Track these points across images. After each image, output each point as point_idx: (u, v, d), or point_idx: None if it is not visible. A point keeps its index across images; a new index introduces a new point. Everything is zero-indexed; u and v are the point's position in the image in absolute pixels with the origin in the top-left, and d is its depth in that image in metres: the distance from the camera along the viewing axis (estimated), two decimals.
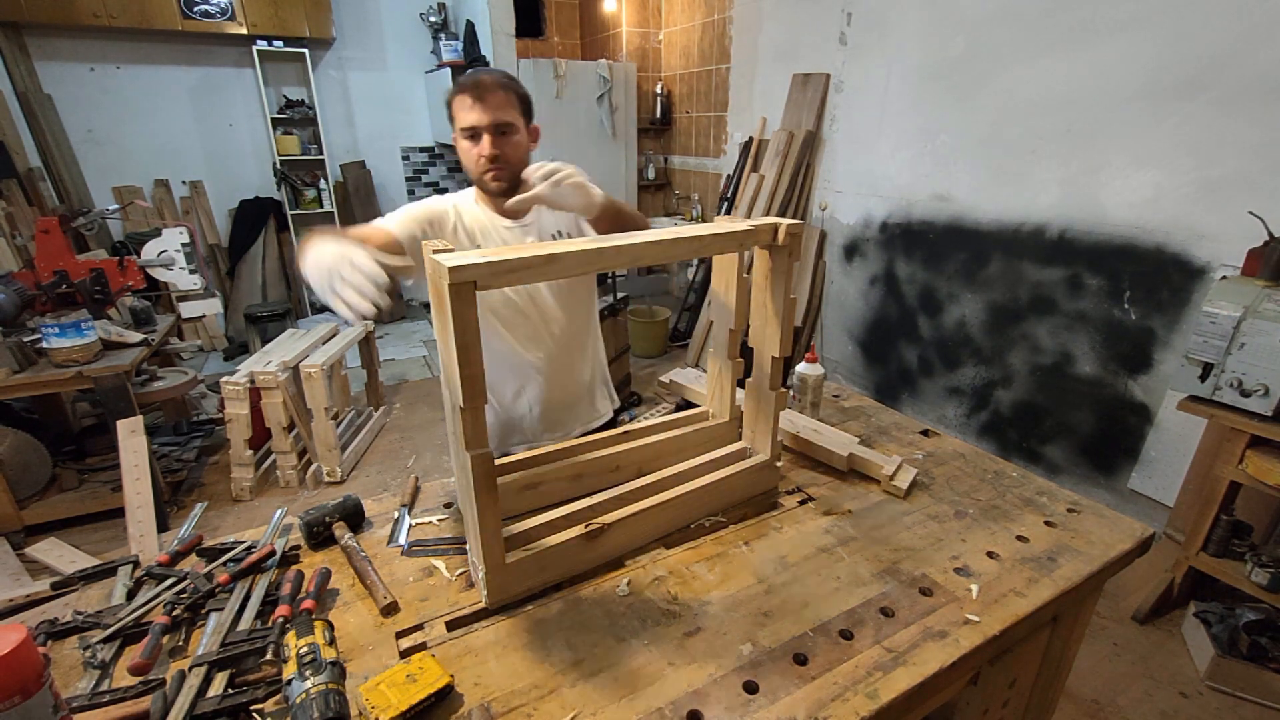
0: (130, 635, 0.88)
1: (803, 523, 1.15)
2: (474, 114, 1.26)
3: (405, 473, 3.15)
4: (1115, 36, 2.25)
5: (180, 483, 2.93)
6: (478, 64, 4.71)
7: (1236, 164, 2.01)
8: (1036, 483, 1.28)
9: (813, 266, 3.76)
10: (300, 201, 5.12)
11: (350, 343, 3.31)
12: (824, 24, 3.49)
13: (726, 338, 1.27)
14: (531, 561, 0.95)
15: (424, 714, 0.76)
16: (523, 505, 1.17)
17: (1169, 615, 2.13)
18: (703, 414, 1.39)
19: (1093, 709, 1.80)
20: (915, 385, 3.32)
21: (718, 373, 1.33)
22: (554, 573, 0.99)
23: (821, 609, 0.94)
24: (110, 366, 2.40)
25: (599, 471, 1.23)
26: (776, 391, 1.15)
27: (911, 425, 1.53)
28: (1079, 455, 2.61)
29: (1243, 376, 1.74)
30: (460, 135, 1.30)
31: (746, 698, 0.79)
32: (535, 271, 0.84)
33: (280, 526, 1.14)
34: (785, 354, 1.15)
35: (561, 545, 0.98)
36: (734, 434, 1.38)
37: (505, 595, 0.94)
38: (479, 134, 1.28)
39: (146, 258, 2.98)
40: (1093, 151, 2.38)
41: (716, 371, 1.33)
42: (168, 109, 4.71)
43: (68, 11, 4.06)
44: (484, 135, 1.27)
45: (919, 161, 3.09)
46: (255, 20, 4.53)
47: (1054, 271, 2.57)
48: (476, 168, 1.31)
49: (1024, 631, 0.95)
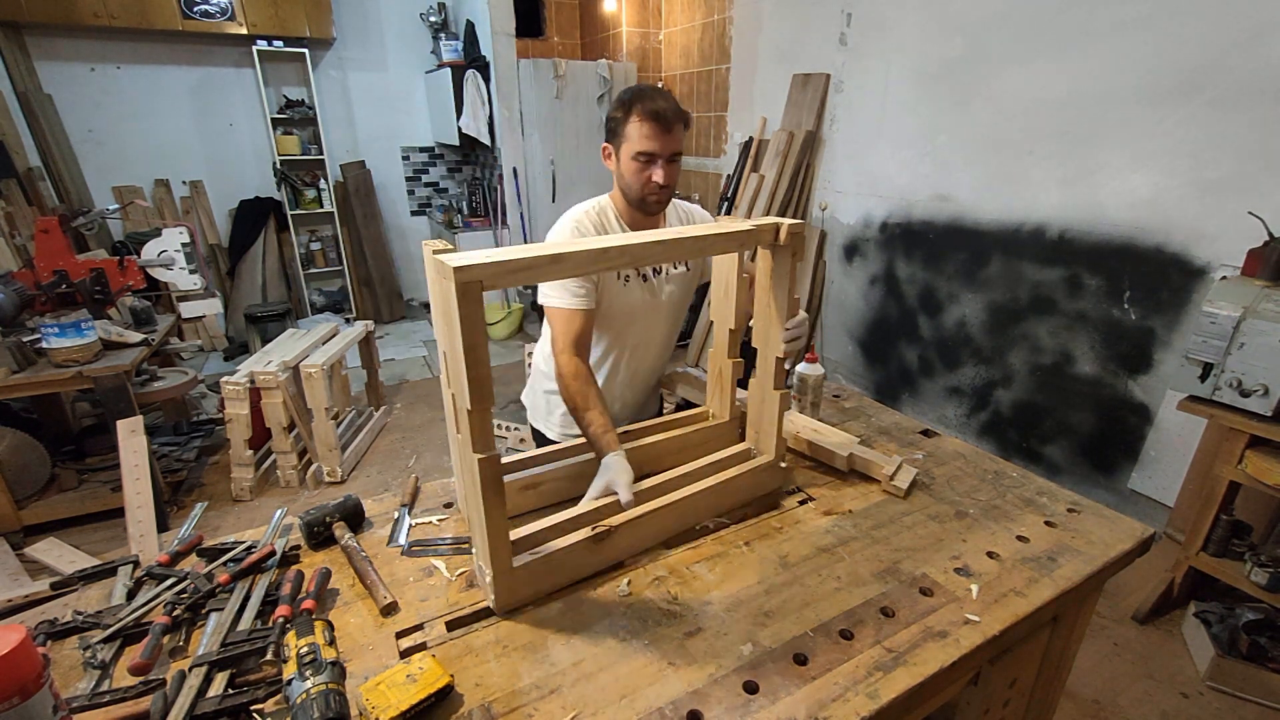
0: (130, 635, 0.88)
1: (803, 523, 1.15)
2: (656, 143, 1.31)
3: (405, 473, 3.15)
4: (1114, 37, 2.25)
5: (180, 483, 2.93)
6: (477, 64, 4.71)
7: (1236, 164, 2.01)
8: (1036, 483, 1.28)
9: (813, 267, 3.76)
10: (300, 201, 5.11)
11: (350, 343, 3.31)
12: (824, 24, 3.49)
13: (726, 338, 1.27)
14: (540, 565, 0.95)
15: (424, 714, 0.76)
16: (524, 505, 1.17)
17: (1169, 615, 2.13)
18: (703, 414, 1.39)
19: (1093, 709, 1.81)
20: (915, 385, 3.32)
21: (718, 373, 1.33)
22: (561, 576, 0.99)
23: (822, 609, 0.94)
24: (110, 366, 2.40)
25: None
26: (780, 392, 1.16)
27: (911, 425, 1.53)
28: (1079, 455, 2.61)
29: (1242, 376, 1.74)
30: (633, 157, 1.34)
31: (746, 698, 0.79)
32: (539, 272, 0.84)
33: (280, 526, 1.14)
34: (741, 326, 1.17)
35: (568, 549, 0.97)
36: (734, 434, 1.38)
37: (513, 599, 0.94)
38: (655, 159, 1.33)
39: (146, 258, 2.98)
40: (1092, 152, 2.38)
41: (716, 371, 1.33)
42: (168, 109, 4.71)
43: (68, 11, 4.06)
44: (660, 164, 1.34)
45: (919, 162, 3.08)
46: (255, 20, 4.53)
47: (1054, 271, 2.57)
48: (645, 189, 1.36)
49: (1024, 631, 0.95)
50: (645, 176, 1.35)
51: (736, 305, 1.22)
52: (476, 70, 4.69)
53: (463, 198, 5.87)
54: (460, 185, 5.96)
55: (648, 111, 1.30)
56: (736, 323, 1.24)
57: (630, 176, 1.36)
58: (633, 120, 1.31)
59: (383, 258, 5.58)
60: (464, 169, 5.94)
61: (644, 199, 1.38)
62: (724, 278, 1.23)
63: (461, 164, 5.92)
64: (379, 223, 5.54)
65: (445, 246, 0.85)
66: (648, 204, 1.39)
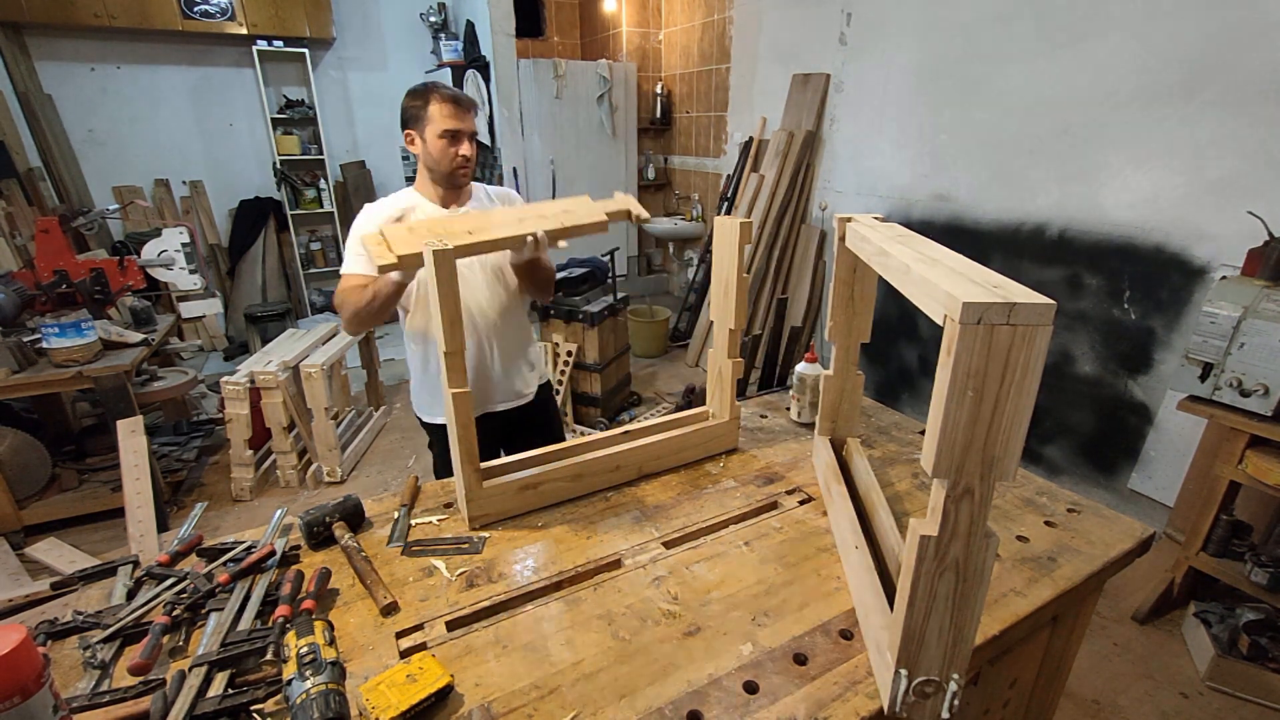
0: (130, 635, 0.88)
1: (803, 523, 1.15)
2: (459, 121, 1.51)
3: (405, 473, 3.15)
4: (1113, 38, 2.25)
5: (180, 483, 2.93)
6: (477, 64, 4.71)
7: (1235, 164, 2.01)
8: (1036, 483, 1.28)
9: (812, 267, 3.76)
10: (300, 201, 5.11)
11: (350, 343, 3.31)
12: (824, 24, 3.49)
13: (726, 338, 1.28)
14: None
15: (424, 714, 0.76)
16: (523, 505, 1.17)
17: (1169, 615, 2.13)
18: (702, 414, 1.40)
19: (1093, 709, 1.80)
20: (915, 385, 3.32)
21: (717, 373, 1.33)
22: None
23: (821, 609, 0.94)
24: (110, 366, 2.40)
25: (599, 471, 1.24)
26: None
27: (911, 425, 1.53)
28: (1079, 455, 2.61)
29: (1242, 376, 1.74)
30: (440, 135, 1.50)
31: (746, 698, 0.79)
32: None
33: (280, 526, 1.14)
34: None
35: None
36: (734, 434, 1.39)
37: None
38: (460, 137, 1.52)
39: (146, 258, 2.98)
40: (1091, 151, 2.38)
41: (716, 371, 1.33)
42: (168, 109, 4.71)
43: (68, 11, 4.06)
44: (465, 140, 1.53)
45: (918, 161, 3.08)
46: (255, 20, 4.53)
47: (1054, 271, 2.57)
48: (453, 163, 1.54)
49: (1024, 631, 0.95)
50: (453, 152, 1.52)
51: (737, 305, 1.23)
52: (476, 70, 4.69)
53: None
54: None
55: (446, 95, 1.50)
56: (736, 322, 1.26)
57: (438, 154, 1.52)
58: (434, 104, 1.50)
59: None
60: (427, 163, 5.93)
61: (452, 172, 1.55)
62: (724, 277, 1.24)
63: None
64: None
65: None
66: (456, 177, 1.56)
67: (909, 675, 0.72)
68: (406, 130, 1.57)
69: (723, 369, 1.32)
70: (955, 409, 0.60)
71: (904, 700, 0.73)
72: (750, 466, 1.34)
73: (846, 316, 1.17)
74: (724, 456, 1.38)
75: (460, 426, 1.05)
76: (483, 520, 1.14)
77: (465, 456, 1.08)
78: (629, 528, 1.13)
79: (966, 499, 0.64)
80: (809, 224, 3.83)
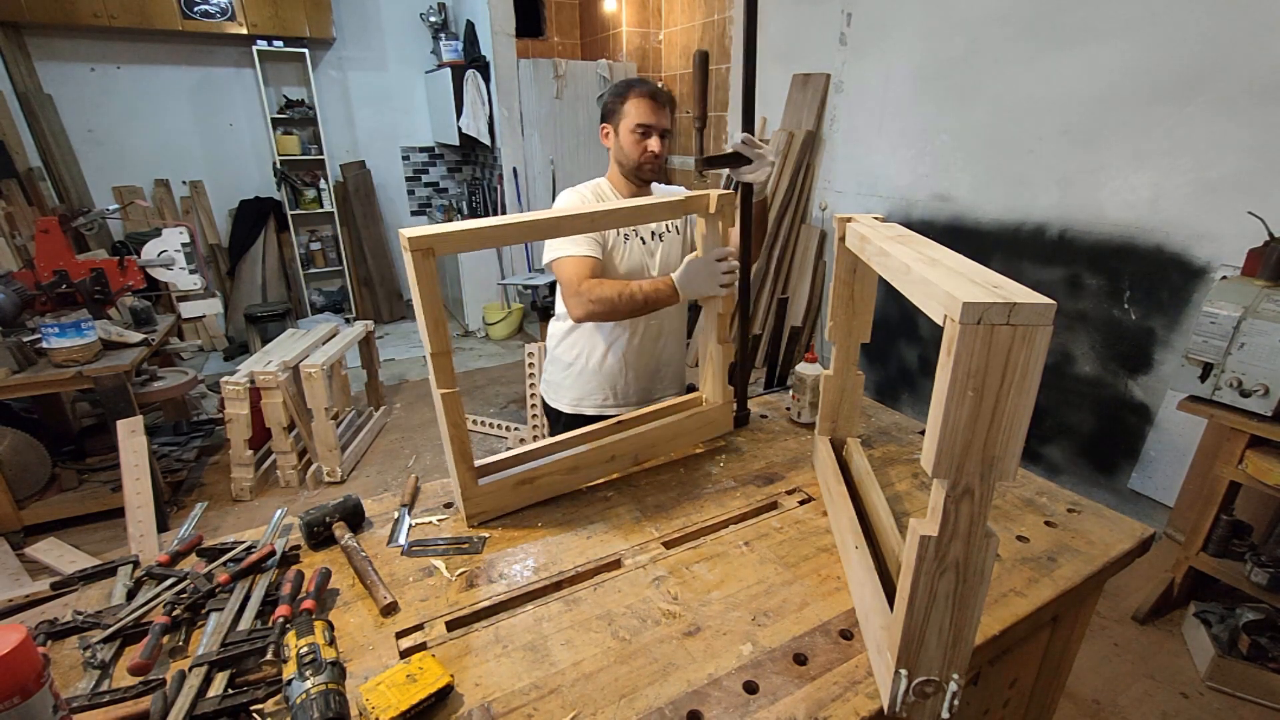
0: (130, 635, 0.88)
1: (803, 523, 1.15)
2: (653, 117, 1.55)
3: (405, 473, 3.15)
4: (1113, 38, 2.25)
5: (180, 483, 2.93)
6: (477, 64, 4.72)
7: (1235, 164, 2.01)
8: (1036, 483, 1.28)
9: (812, 267, 3.76)
10: (300, 201, 5.12)
11: (350, 343, 3.31)
12: (824, 24, 3.49)
13: (715, 322, 1.29)
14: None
15: (424, 714, 0.76)
16: (519, 500, 1.18)
17: (1169, 615, 2.13)
18: (696, 400, 1.41)
19: (1093, 709, 1.80)
20: (915, 385, 3.32)
21: (709, 357, 1.35)
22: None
23: (821, 609, 0.94)
24: (110, 366, 2.40)
25: (595, 463, 1.24)
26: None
27: (911, 425, 1.53)
28: (1079, 455, 2.61)
29: (1242, 376, 1.74)
30: (632, 129, 1.55)
31: (746, 698, 0.79)
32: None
33: (280, 526, 1.14)
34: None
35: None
36: (728, 419, 1.40)
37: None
38: (651, 132, 1.56)
39: (146, 258, 2.98)
40: (1091, 152, 2.38)
41: (708, 356, 1.35)
42: (168, 109, 4.71)
43: (68, 11, 4.06)
44: (655, 135, 1.56)
45: (919, 161, 3.08)
46: (255, 20, 4.53)
47: (1054, 271, 2.57)
48: (641, 157, 1.57)
49: (1024, 631, 0.95)
50: (643, 146, 1.56)
51: None
52: (476, 70, 4.69)
53: (463, 198, 5.87)
54: (460, 185, 5.96)
55: (645, 92, 1.55)
56: (725, 306, 1.31)
57: (629, 148, 1.56)
58: (631, 99, 1.54)
59: (383, 258, 5.59)
60: (464, 169, 5.94)
61: (640, 166, 1.58)
62: None
63: (461, 164, 5.92)
64: (379, 223, 5.54)
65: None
66: (643, 171, 1.59)
67: (909, 675, 0.72)
68: (603, 124, 1.62)
69: (713, 353, 1.34)
70: (955, 409, 0.60)
71: (904, 700, 0.73)
72: (750, 466, 1.34)
73: (846, 316, 1.17)
74: (723, 456, 1.38)
75: (451, 426, 1.07)
76: (481, 518, 1.14)
77: (459, 455, 1.09)
78: (629, 528, 1.13)
79: (966, 499, 0.64)
80: (809, 224, 3.83)
